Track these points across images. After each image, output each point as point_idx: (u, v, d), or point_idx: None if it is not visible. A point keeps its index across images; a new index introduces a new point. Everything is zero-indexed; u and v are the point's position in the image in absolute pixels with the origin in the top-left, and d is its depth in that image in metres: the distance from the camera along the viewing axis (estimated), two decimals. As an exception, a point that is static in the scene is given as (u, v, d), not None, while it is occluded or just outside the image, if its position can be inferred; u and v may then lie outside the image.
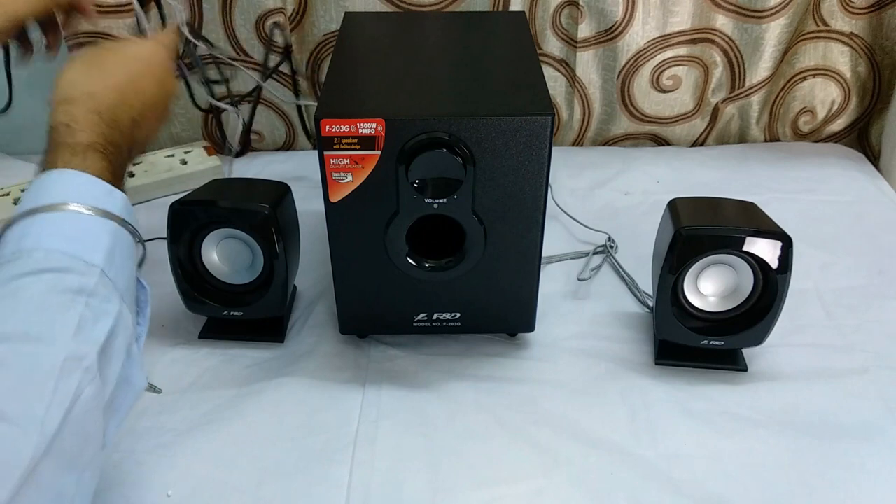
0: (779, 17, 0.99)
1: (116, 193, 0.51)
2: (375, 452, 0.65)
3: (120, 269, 0.48)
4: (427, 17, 0.94)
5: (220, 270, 0.73)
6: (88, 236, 0.48)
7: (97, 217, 0.48)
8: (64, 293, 0.44)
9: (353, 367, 0.73)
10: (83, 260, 0.46)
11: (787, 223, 0.67)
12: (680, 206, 0.71)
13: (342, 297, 0.71)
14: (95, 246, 0.47)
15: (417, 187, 0.62)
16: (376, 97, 0.64)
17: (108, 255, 0.47)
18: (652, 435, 0.66)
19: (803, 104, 1.10)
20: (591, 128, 1.12)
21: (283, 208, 0.71)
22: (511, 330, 0.76)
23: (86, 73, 0.56)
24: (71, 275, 0.45)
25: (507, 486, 0.62)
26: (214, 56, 0.97)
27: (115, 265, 0.48)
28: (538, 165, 0.62)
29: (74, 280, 0.45)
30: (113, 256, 0.48)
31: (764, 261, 0.66)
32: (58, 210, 0.47)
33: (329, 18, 1.00)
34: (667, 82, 1.06)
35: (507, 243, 0.66)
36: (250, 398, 0.70)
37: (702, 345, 0.71)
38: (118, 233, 0.49)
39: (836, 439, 0.66)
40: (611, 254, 0.88)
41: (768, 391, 0.71)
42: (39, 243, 0.45)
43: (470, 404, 0.69)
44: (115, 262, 0.48)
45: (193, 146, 1.06)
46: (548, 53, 1.05)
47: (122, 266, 0.49)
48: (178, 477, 0.62)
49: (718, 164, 1.07)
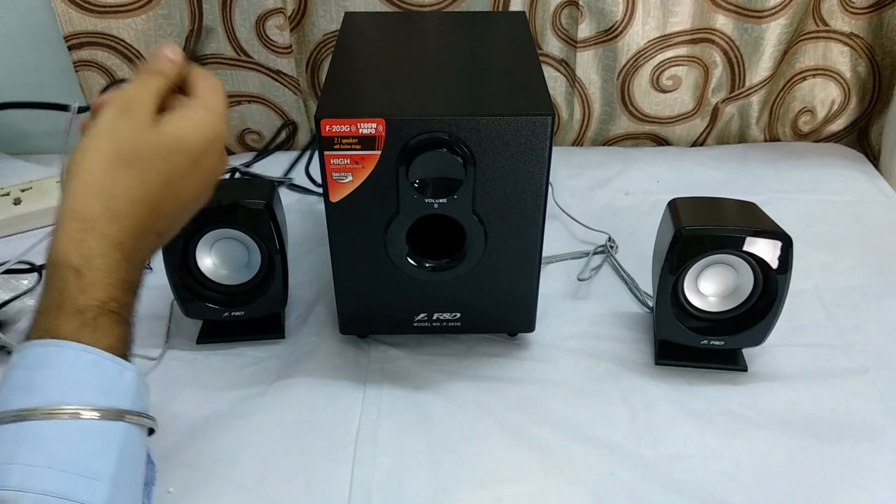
0: (779, 17, 0.99)
1: (127, 374, 0.41)
2: (376, 451, 0.65)
3: (129, 485, 0.40)
4: (427, 17, 0.94)
5: (216, 273, 0.73)
6: (91, 459, 0.38)
7: (104, 423, 0.39)
8: None
9: (354, 366, 0.73)
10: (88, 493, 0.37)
11: (787, 223, 0.67)
12: (680, 206, 0.71)
13: (342, 297, 0.71)
14: (100, 471, 0.38)
15: (418, 187, 0.62)
16: (376, 97, 0.64)
17: (114, 481, 0.39)
18: (652, 435, 0.66)
19: (803, 104, 1.10)
20: (591, 128, 1.12)
21: (276, 203, 0.72)
22: (511, 330, 0.76)
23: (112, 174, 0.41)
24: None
25: (507, 485, 0.62)
26: None
27: (122, 487, 0.39)
28: (538, 165, 0.62)
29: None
30: (120, 477, 0.39)
31: (764, 261, 0.66)
32: (55, 417, 0.37)
33: (329, 18, 1.00)
34: (667, 82, 1.06)
35: (508, 243, 0.66)
36: (251, 397, 0.70)
37: (702, 345, 0.71)
38: (128, 435, 0.40)
39: (836, 439, 0.66)
40: (611, 254, 0.88)
41: (768, 391, 0.71)
42: (29, 484, 0.36)
43: (470, 404, 0.69)
44: (123, 482, 0.39)
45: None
46: (548, 53, 1.05)
47: (132, 477, 0.41)
48: (179, 475, 0.62)
49: (718, 164, 1.07)
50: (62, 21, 0.96)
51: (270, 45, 1.00)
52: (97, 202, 0.41)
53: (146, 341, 0.75)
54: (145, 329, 0.77)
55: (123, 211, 0.41)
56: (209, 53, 1.01)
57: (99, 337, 0.39)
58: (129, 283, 0.42)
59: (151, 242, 0.44)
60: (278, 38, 1.00)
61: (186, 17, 0.98)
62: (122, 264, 0.41)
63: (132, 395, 0.41)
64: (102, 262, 0.40)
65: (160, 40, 0.99)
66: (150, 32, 0.98)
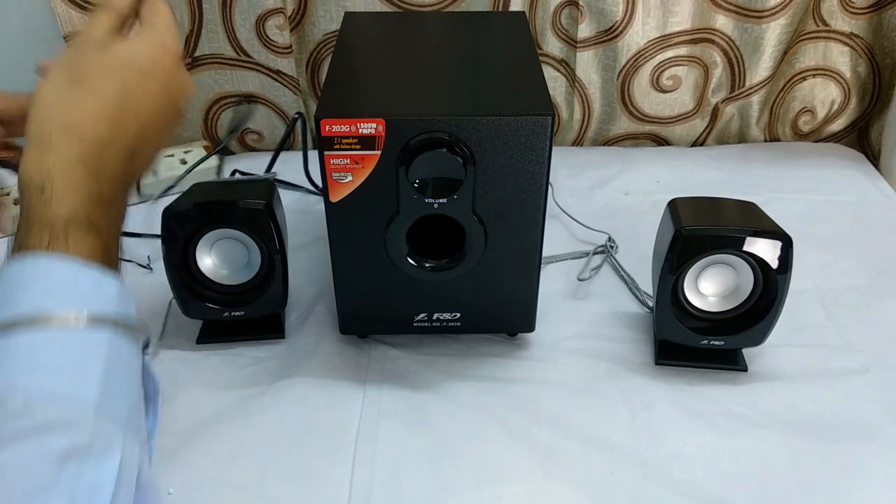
0: (779, 17, 0.99)
1: (107, 282, 0.41)
2: (376, 451, 0.65)
3: (120, 393, 0.40)
4: (427, 17, 0.94)
5: (217, 273, 0.73)
6: (76, 361, 0.38)
7: (86, 331, 0.39)
8: (50, 464, 0.35)
9: (354, 366, 0.73)
10: (72, 400, 0.37)
11: (787, 223, 0.67)
12: (680, 206, 0.71)
13: (342, 297, 0.71)
14: (86, 374, 0.38)
15: (417, 187, 0.62)
16: (376, 97, 0.64)
17: (104, 383, 0.38)
18: (652, 435, 0.66)
19: (803, 104, 1.10)
20: (591, 128, 1.12)
21: (276, 203, 0.72)
22: (511, 330, 0.76)
23: (65, 96, 0.43)
24: (57, 434, 0.36)
25: (507, 485, 0.62)
26: None
27: (112, 391, 0.39)
28: (538, 165, 0.62)
29: (62, 440, 0.36)
30: (109, 381, 0.39)
31: (764, 261, 0.66)
32: (35, 326, 0.37)
33: (329, 18, 1.00)
34: (667, 82, 1.06)
35: (507, 243, 0.66)
36: (251, 397, 0.70)
37: (702, 345, 0.71)
38: (114, 343, 0.40)
39: (836, 439, 0.66)
40: (611, 254, 0.88)
41: (768, 391, 0.71)
42: (14, 383, 0.36)
43: (470, 404, 0.69)
44: (113, 387, 0.39)
45: (193, 146, 1.06)
46: (548, 53, 1.05)
47: (123, 386, 0.40)
48: (179, 475, 0.62)
49: (718, 164, 1.07)
50: (62, 21, 0.96)
51: (270, 45, 1.00)
52: (53, 124, 0.42)
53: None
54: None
55: (81, 127, 0.42)
56: (209, 53, 1.01)
57: (71, 245, 0.40)
58: (101, 197, 0.42)
59: (122, 158, 0.44)
60: (278, 38, 1.00)
61: (186, 17, 0.98)
62: (88, 180, 0.41)
63: (114, 304, 0.40)
64: (64, 178, 0.41)
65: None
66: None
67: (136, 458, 0.40)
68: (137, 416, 0.42)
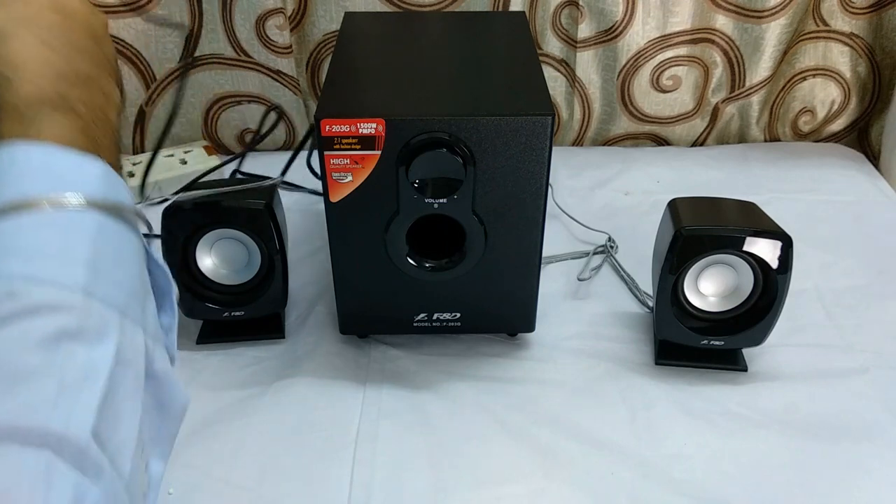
0: (779, 17, 0.99)
1: (89, 165, 0.38)
2: (376, 451, 0.65)
3: (113, 276, 0.37)
4: (427, 17, 0.94)
5: (216, 273, 0.73)
6: (59, 245, 0.36)
7: (67, 213, 0.36)
8: (35, 348, 0.33)
9: (354, 366, 0.73)
10: (57, 284, 0.34)
11: (787, 223, 0.67)
12: (680, 206, 0.71)
13: (342, 297, 0.71)
14: (71, 257, 0.35)
15: (417, 187, 0.62)
16: (376, 97, 0.64)
17: (92, 265, 0.36)
18: (652, 435, 0.66)
19: (803, 104, 1.10)
20: (591, 128, 1.12)
21: (276, 203, 0.72)
22: (511, 330, 0.76)
23: None
24: (43, 317, 0.33)
25: (508, 485, 0.62)
26: None
27: (103, 276, 0.36)
28: (538, 165, 0.62)
29: (48, 323, 0.33)
30: (99, 265, 0.36)
31: (764, 261, 0.66)
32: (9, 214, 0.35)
33: (329, 18, 1.00)
34: (667, 82, 1.06)
35: (507, 243, 0.66)
36: (251, 397, 0.70)
37: (702, 345, 0.71)
38: (102, 227, 0.37)
39: (836, 439, 0.66)
40: (611, 254, 0.88)
41: (768, 391, 0.71)
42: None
43: (470, 404, 0.69)
44: (103, 272, 0.36)
45: (193, 146, 1.06)
46: (548, 53, 1.05)
47: (117, 269, 0.38)
48: (180, 475, 0.62)
49: (718, 164, 1.07)
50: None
51: (270, 45, 1.00)
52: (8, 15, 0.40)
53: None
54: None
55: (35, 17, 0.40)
56: (209, 53, 1.01)
57: (44, 128, 0.37)
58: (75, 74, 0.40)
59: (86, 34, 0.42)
60: (278, 38, 1.00)
61: (186, 17, 0.98)
62: (54, 57, 0.39)
63: (98, 187, 0.38)
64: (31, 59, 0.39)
65: (160, 41, 0.99)
66: (149, 32, 0.98)
67: (141, 346, 0.38)
68: (139, 304, 0.39)
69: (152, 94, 1.03)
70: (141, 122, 1.05)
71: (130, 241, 0.39)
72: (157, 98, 1.04)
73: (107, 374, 0.34)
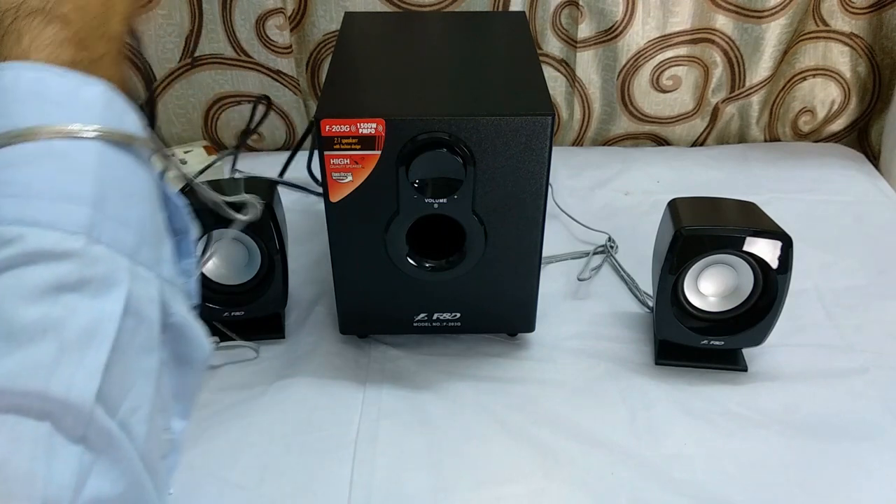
0: (779, 17, 0.99)
1: (88, 89, 0.33)
2: (376, 451, 0.65)
3: (121, 215, 0.33)
4: (427, 17, 0.94)
5: (217, 273, 0.73)
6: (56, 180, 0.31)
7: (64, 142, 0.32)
8: (31, 303, 0.29)
9: (354, 366, 0.73)
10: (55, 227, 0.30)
11: (787, 223, 0.67)
12: (680, 206, 0.71)
13: (342, 297, 0.71)
14: (70, 194, 0.31)
15: (417, 187, 0.62)
16: (376, 97, 0.64)
17: (95, 203, 0.31)
18: (652, 435, 0.66)
19: (803, 104, 1.10)
20: (591, 128, 1.12)
21: (276, 203, 0.72)
22: (511, 330, 0.76)
23: None
24: (38, 266, 0.29)
25: (507, 485, 0.62)
26: None
27: (109, 213, 0.32)
28: (538, 165, 0.62)
29: (44, 274, 0.29)
30: (103, 201, 0.32)
31: (764, 261, 0.66)
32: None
33: (329, 18, 1.00)
34: (667, 82, 1.06)
35: (507, 243, 0.66)
36: (251, 398, 0.70)
37: (702, 345, 0.71)
38: (106, 157, 0.33)
39: (836, 439, 0.66)
40: (611, 254, 0.88)
41: (768, 391, 0.71)
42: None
43: (470, 404, 0.69)
44: (110, 208, 0.32)
45: (193, 146, 1.06)
46: (548, 53, 1.05)
47: (124, 207, 0.33)
48: (180, 475, 0.62)
49: (718, 164, 1.07)
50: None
51: (270, 45, 1.00)
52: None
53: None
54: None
55: None
56: (209, 53, 1.01)
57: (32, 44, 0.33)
58: None
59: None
60: (278, 38, 1.00)
61: (186, 17, 0.98)
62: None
63: (97, 111, 0.33)
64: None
65: (160, 40, 0.99)
66: (149, 32, 0.98)
67: (156, 295, 0.33)
68: (152, 247, 0.34)
69: (152, 94, 1.03)
70: (141, 122, 1.05)
71: (139, 174, 0.35)
72: (157, 98, 1.03)
73: (114, 330, 0.31)
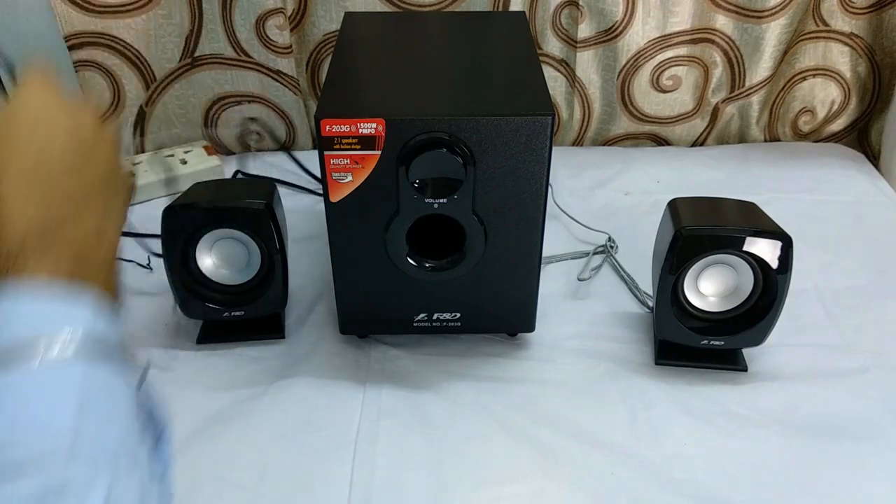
0: (779, 17, 0.99)
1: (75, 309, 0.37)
2: (376, 451, 0.65)
3: (99, 432, 0.36)
4: (427, 17, 0.94)
5: (217, 273, 0.73)
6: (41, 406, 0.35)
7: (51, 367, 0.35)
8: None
9: (354, 366, 0.73)
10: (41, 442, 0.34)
11: (787, 223, 0.67)
12: (680, 206, 0.71)
13: (342, 297, 0.71)
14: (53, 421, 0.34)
15: (418, 187, 0.62)
16: (376, 97, 0.64)
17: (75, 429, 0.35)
18: (652, 435, 0.66)
19: (803, 104, 1.10)
20: (591, 128, 1.12)
21: (276, 203, 0.72)
22: (511, 330, 0.76)
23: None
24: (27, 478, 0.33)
25: (507, 485, 0.62)
26: None
27: (89, 432, 0.35)
28: (538, 165, 0.62)
29: (31, 485, 0.33)
30: (83, 423, 0.35)
31: (764, 261, 0.66)
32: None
33: (329, 18, 1.00)
34: (667, 82, 1.06)
35: (507, 243, 0.66)
36: (251, 397, 0.70)
37: (702, 345, 0.71)
38: (88, 378, 0.36)
39: (836, 439, 0.66)
40: (611, 254, 0.88)
41: (768, 391, 0.71)
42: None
43: (470, 404, 0.69)
44: (91, 422, 0.35)
45: (193, 146, 1.06)
46: (548, 53, 1.05)
47: (104, 423, 0.36)
48: (180, 475, 0.62)
49: (718, 164, 1.07)
50: (62, 21, 0.96)
51: (270, 45, 1.00)
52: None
53: (147, 341, 0.75)
54: (145, 329, 0.77)
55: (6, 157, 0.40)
56: (209, 53, 1.01)
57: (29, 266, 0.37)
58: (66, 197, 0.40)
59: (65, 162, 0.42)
60: (278, 38, 1.00)
61: (186, 17, 0.98)
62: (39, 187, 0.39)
63: (83, 332, 0.37)
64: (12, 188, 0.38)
65: (160, 41, 0.99)
66: (150, 32, 0.98)
67: (136, 490, 0.37)
68: (128, 453, 0.38)
69: (152, 94, 1.03)
70: (141, 123, 1.05)
71: (118, 389, 0.38)
72: (157, 98, 1.04)
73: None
